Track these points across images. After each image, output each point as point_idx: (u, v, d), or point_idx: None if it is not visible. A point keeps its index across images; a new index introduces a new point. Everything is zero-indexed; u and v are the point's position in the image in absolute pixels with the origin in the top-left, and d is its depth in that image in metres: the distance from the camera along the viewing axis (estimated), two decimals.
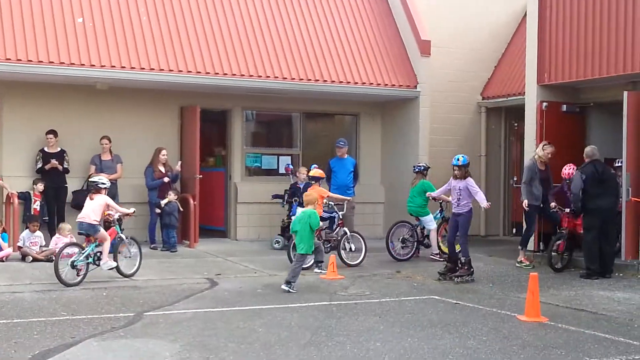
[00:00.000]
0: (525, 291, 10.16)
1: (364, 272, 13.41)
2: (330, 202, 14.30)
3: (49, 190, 15.02)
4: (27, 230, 14.08)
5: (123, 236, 12.60)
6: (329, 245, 14.08)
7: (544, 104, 15.52)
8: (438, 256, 15.04)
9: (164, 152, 15.71)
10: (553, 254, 13.70)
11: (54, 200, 15.11)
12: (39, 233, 14.09)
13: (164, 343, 8.31)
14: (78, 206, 15.25)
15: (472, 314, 10.17)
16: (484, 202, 12.94)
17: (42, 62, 14.45)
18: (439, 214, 15.80)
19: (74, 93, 15.78)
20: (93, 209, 11.99)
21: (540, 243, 15.22)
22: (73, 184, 15.45)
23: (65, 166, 15.23)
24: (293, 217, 15.68)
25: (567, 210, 13.84)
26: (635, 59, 13.77)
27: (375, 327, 9.27)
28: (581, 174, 13.29)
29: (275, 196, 16.35)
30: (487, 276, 13.30)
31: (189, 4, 16.47)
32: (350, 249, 14.36)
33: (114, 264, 12.12)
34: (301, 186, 16.05)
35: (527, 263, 14.30)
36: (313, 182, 14.01)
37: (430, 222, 15.28)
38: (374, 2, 18.82)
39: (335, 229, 14.43)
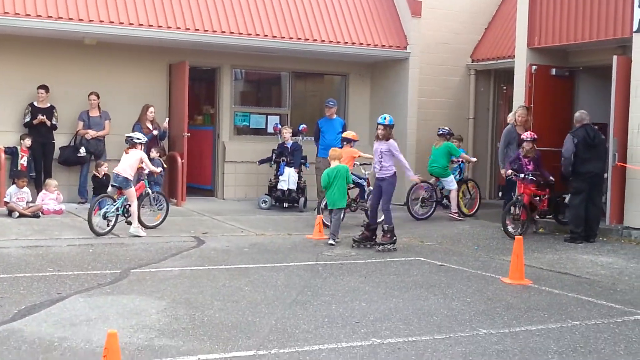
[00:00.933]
0: (510, 254, 10.23)
1: (351, 232, 13.47)
2: (357, 162, 14.54)
3: (37, 146, 14.94)
4: (14, 185, 14.02)
5: (149, 191, 13.18)
6: (353, 208, 14.28)
7: (534, 67, 15.51)
8: (457, 215, 15.52)
9: (151, 109, 15.63)
10: (507, 218, 13.46)
11: (41, 156, 15.03)
12: (26, 189, 14.03)
13: (150, 300, 8.35)
14: (65, 162, 15.29)
15: (456, 275, 10.26)
16: (410, 173, 12.76)
17: (29, 15, 14.28)
18: (458, 176, 16.30)
19: (62, 48, 15.62)
20: (130, 164, 12.54)
21: None
22: (60, 139, 15.38)
23: (53, 122, 15.13)
24: (281, 177, 15.81)
25: (522, 175, 13.63)
26: (626, 24, 13.76)
27: (361, 287, 9.34)
28: (573, 137, 13.30)
29: (262, 161, 16.32)
30: (473, 239, 13.39)
31: None
32: None
33: (143, 234, 12.43)
34: (288, 146, 16.05)
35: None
36: (345, 142, 14.35)
37: (452, 183, 15.76)
38: None
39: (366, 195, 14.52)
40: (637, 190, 13.35)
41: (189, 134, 16.14)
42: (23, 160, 14.79)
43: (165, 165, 15.47)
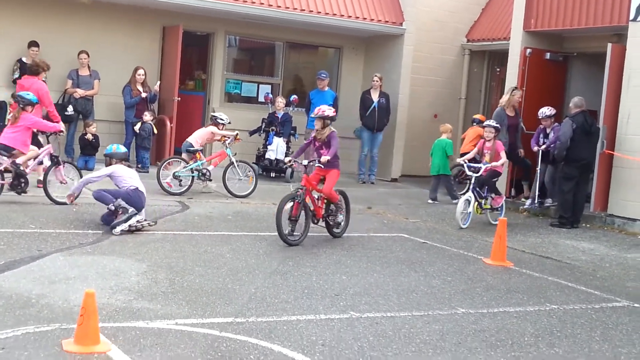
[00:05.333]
0: (493, 235, 10.25)
1: None
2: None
3: None
4: None
5: (234, 160, 13.56)
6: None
7: (528, 50, 15.45)
8: None
9: (140, 71, 15.46)
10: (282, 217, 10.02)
11: None
12: None
13: (130, 262, 8.35)
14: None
15: (439, 254, 10.29)
16: None
17: None
18: None
19: (55, 3, 15.47)
20: (200, 134, 13.81)
21: (512, 189, 15.35)
22: None
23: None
24: (269, 146, 15.73)
25: (305, 162, 10.50)
26: (623, 12, 13.71)
27: (342, 260, 9.36)
28: (572, 122, 13.23)
29: (252, 132, 16.25)
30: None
31: None
32: None
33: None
34: (279, 115, 15.98)
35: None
36: (475, 123, 15.83)
37: None
38: None
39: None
40: (622, 178, 13.36)
41: (179, 99, 16.04)
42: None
43: (155, 130, 15.39)
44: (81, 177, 11.37)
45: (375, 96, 16.65)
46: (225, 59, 17.48)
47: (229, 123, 14.24)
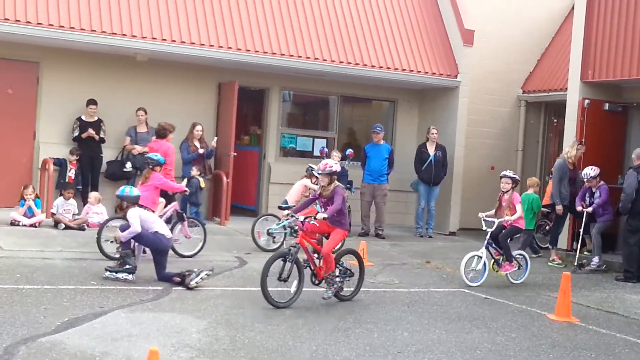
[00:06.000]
0: (557, 290, 10.06)
1: (394, 260, 13.33)
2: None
3: (85, 159, 15.04)
4: (61, 197, 14.15)
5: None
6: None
7: (586, 101, 15.29)
8: None
9: (198, 127, 15.62)
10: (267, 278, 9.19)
11: (89, 169, 15.11)
12: (72, 201, 14.16)
13: (191, 319, 8.32)
14: (111, 176, 15.35)
15: (501, 309, 10.08)
16: None
17: (84, 29, 14.42)
18: None
19: (113, 63, 15.74)
20: (294, 189, 13.78)
21: (574, 242, 15.03)
22: (107, 154, 15.46)
23: (101, 136, 15.23)
24: None
25: (306, 219, 10.06)
26: None
27: (403, 316, 9.23)
28: (637, 174, 12.94)
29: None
30: None
31: None
32: None
33: None
34: None
35: (559, 262, 14.15)
36: (549, 176, 15.22)
37: None
38: None
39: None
40: None
41: (236, 154, 16.13)
42: (71, 173, 14.90)
43: (202, 186, 15.34)
44: (204, 230, 12.52)
45: (431, 150, 16.60)
46: (280, 114, 17.58)
47: None
